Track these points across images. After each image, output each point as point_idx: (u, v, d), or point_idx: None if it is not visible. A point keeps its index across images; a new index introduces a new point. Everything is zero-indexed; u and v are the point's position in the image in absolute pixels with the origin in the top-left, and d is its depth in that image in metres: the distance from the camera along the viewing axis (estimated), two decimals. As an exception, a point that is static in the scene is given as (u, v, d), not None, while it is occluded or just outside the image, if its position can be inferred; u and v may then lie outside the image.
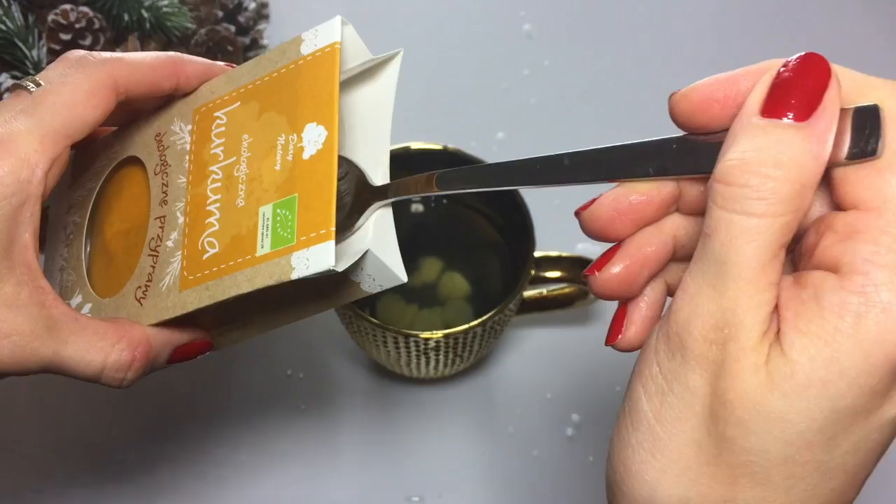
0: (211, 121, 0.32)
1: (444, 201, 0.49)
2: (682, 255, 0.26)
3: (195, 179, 0.31)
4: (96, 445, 0.48)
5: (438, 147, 0.46)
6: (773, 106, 0.21)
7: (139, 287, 0.32)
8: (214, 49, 0.53)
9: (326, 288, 0.31)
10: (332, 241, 0.27)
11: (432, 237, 0.49)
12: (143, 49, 0.51)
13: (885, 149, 0.20)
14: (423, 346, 0.42)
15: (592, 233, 0.26)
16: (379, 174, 0.31)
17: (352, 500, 0.46)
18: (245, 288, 0.28)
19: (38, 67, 0.53)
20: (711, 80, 0.25)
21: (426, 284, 0.47)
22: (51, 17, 0.51)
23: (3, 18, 0.52)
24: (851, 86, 0.22)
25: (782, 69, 0.23)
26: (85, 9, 0.51)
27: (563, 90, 0.61)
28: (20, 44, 0.52)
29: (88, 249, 0.35)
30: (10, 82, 0.52)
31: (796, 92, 0.21)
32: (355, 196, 0.30)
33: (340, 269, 0.27)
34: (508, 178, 0.28)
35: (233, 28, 0.54)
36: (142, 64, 0.31)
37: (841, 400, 0.20)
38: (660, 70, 0.62)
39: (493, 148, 0.57)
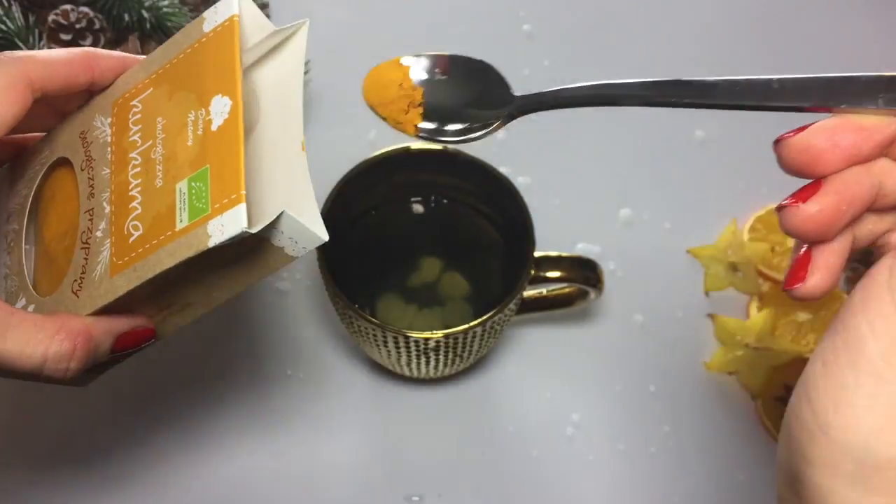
0: (128, 110, 0.33)
1: (445, 201, 0.49)
2: (880, 205, 0.23)
3: (117, 168, 0.32)
4: (94, 446, 0.48)
5: (438, 147, 0.46)
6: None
7: (75, 280, 0.33)
8: (215, 49, 0.53)
9: (253, 256, 0.31)
10: (244, 205, 0.28)
11: (432, 237, 0.49)
12: (143, 50, 0.52)
13: None
14: (423, 346, 0.42)
15: (796, 164, 0.23)
16: (296, 144, 0.32)
17: (352, 499, 0.46)
18: (168, 262, 0.29)
19: (38, 68, 0.53)
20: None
21: (426, 284, 0.47)
22: (51, 17, 0.51)
23: (4, 19, 0.52)
24: None
25: None
26: (85, 9, 0.51)
27: (563, 91, 0.61)
28: (21, 44, 0.52)
29: (33, 255, 0.36)
30: (10, 83, 0.52)
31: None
32: (492, 99, 0.32)
33: (254, 230, 0.28)
34: (704, 94, 0.25)
35: (233, 28, 0.54)
36: (55, 60, 0.32)
37: None
38: (659, 70, 0.62)
39: (493, 148, 0.57)
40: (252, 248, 0.30)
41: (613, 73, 0.62)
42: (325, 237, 0.30)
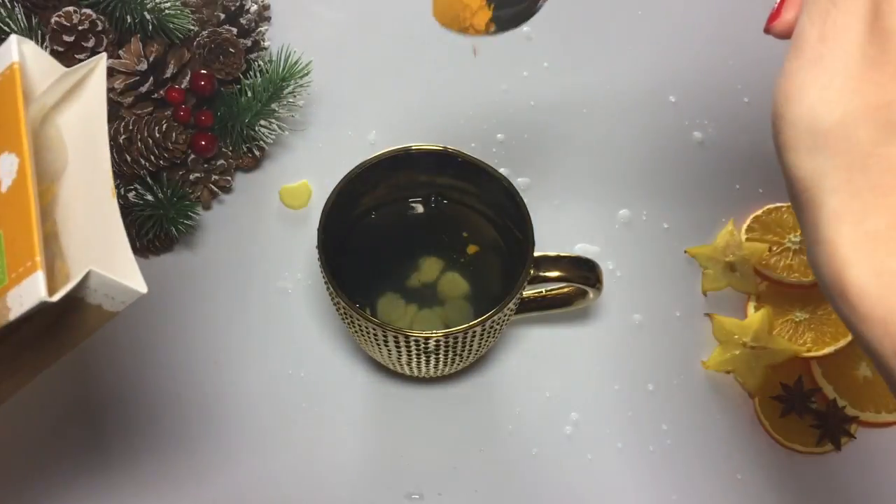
0: None
1: (444, 201, 0.50)
2: None
3: None
4: (93, 448, 0.48)
5: (438, 148, 0.46)
6: None
7: None
8: (216, 51, 0.53)
9: (70, 318, 0.29)
10: (40, 272, 0.25)
11: (432, 237, 0.49)
12: (144, 51, 0.52)
13: None
14: (423, 346, 0.42)
15: (785, 33, 0.26)
16: (106, 190, 0.29)
17: (352, 497, 0.47)
18: None
19: (41, 69, 0.53)
20: None
21: (426, 284, 0.48)
22: (54, 19, 0.51)
23: (7, 20, 0.53)
24: None
25: None
26: (88, 11, 0.52)
27: (563, 92, 0.61)
28: (23, 45, 0.53)
29: None
30: (13, 84, 0.52)
31: None
32: None
33: (55, 298, 0.26)
34: None
35: (234, 30, 0.54)
36: None
37: None
38: (658, 71, 0.62)
39: (492, 149, 0.58)
40: (68, 309, 0.28)
41: (612, 74, 0.62)
42: (143, 289, 0.28)
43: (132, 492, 0.47)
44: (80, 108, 0.31)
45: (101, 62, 0.31)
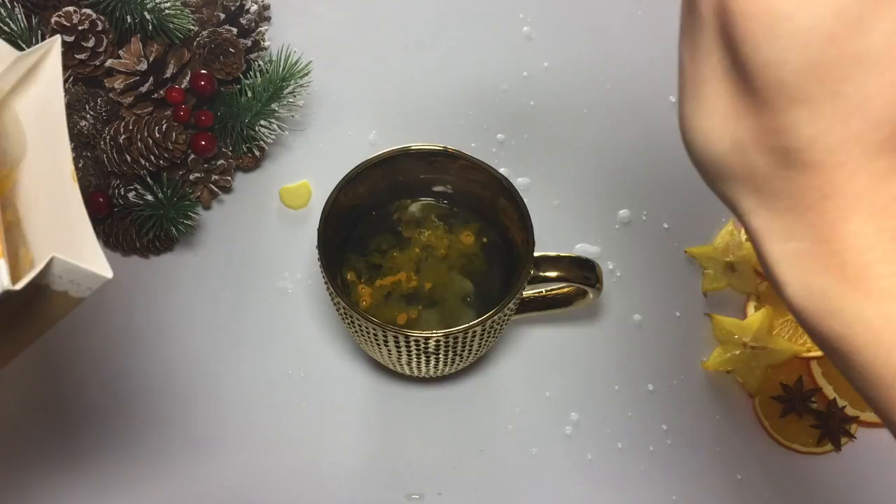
0: None
1: (445, 202, 0.50)
2: None
3: None
4: (93, 447, 0.48)
5: (439, 148, 0.46)
6: None
7: None
8: (216, 51, 0.53)
9: (36, 305, 0.29)
10: (2, 261, 0.25)
11: (433, 236, 0.49)
12: (144, 51, 0.52)
13: None
14: (423, 346, 0.42)
15: None
16: (66, 175, 0.29)
17: (352, 497, 0.47)
18: None
19: (41, 69, 0.53)
20: None
21: (426, 284, 0.48)
22: (54, 19, 0.51)
23: (7, 20, 0.53)
24: None
25: None
26: (88, 10, 0.52)
27: (563, 92, 0.61)
28: (24, 45, 0.53)
29: None
30: (13, 84, 0.52)
31: None
32: None
33: (19, 286, 0.26)
34: None
35: (234, 30, 0.54)
36: None
37: None
38: (658, 71, 0.62)
39: (492, 149, 0.58)
40: (33, 296, 0.28)
41: (612, 74, 0.62)
42: (108, 274, 0.28)
43: (132, 491, 0.47)
44: (37, 92, 0.30)
45: (56, 44, 0.31)
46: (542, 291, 0.49)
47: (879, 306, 0.19)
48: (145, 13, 0.52)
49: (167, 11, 0.52)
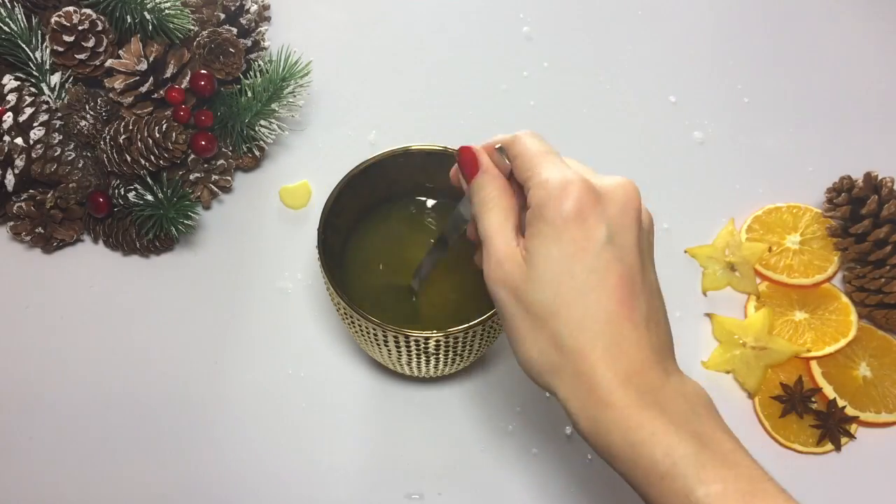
0: None
1: (445, 201, 0.50)
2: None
3: None
4: (93, 447, 0.48)
5: (438, 148, 0.46)
6: (470, 174, 0.38)
7: None
8: (216, 51, 0.53)
9: None
10: None
11: (433, 236, 0.49)
12: (144, 51, 0.52)
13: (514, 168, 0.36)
14: (423, 346, 0.42)
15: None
16: None
17: (353, 497, 0.47)
18: None
19: (41, 69, 0.53)
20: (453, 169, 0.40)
21: (426, 284, 0.48)
22: (54, 18, 0.51)
23: (7, 20, 0.53)
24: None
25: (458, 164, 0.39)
26: (88, 11, 0.52)
27: (562, 92, 0.61)
28: (24, 45, 0.53)
29: None
30: (14, 84, 0.52)
31: (464, 167, 0.38)
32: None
33: None
34: None
35: (234, 30, 0.54)
36: None
37: (558, 250, 0.32)
38: (657, 71, 0.63)
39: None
40: None
41: (611, 74, 0.62)
42: None
43: (132, 490, 0.47)
44: None
45: None
46: (542, 291, 0.49)
47: (616, 423, 0.32)
48: (145, 13, 0.52)
49: (167, 11, 0.52)
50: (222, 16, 0.56)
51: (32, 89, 0.53)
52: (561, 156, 0.36)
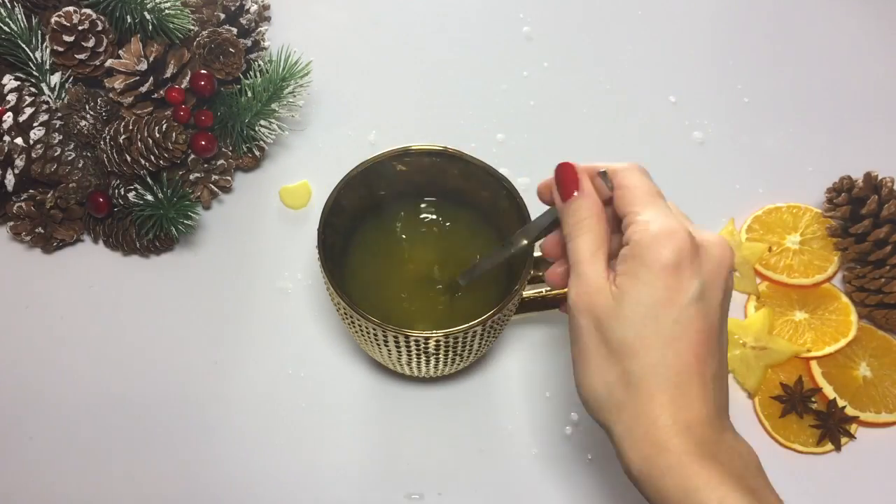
0: None
1: (444, 201, 0.50)
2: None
3: None
4: (93, 446, 0.48)
5: (439, 148, 0.46)
6: (566, 194, 0.37)
7: None
8: (216, 51, 0.53)
9: None
10: None
11: (432, 237, 0.49)
12: (144, 51, 0.52)
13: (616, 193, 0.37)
14: (423, 346, 0.42)
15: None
16: None
17: (352, 497, 0.47)
18: None
19: (41, 69, 0.53)
20: (541, 183, 0.40)
21: (426, 283, 0.48)
22: (54, 18, 0.51)
23: (7, 20, 0.53)
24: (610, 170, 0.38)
25: (556, 184, 0.38)
26: (88, 11, 0.52)
27: (562, 92, 0.61)
28: (24, 45, 0.53)
29: None
30: (14, 84, 0.52)
31: (569, 183, 0.37)
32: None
33: None
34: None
35: (234, 30, 0.54)
36: None
37: (649, 294, 0.33)
38: (657, 72, 0.63)
39: (492, 149, 0.58)
40: None
41: (611, 74, 0.62)
42: None
43: (132, 490, 0.47)
44: None
45: None
46: (542, 291, 0.49)
47: (672, 468, 0.32)
48: (145, 13, 0.52)
49: (167, 11, 0.52)
50: (222, 16, 0.56)
51: (32, 89, 0.53)
52: (665, 199, 0.37)
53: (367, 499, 0.47)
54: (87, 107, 0.52)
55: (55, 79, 0.53)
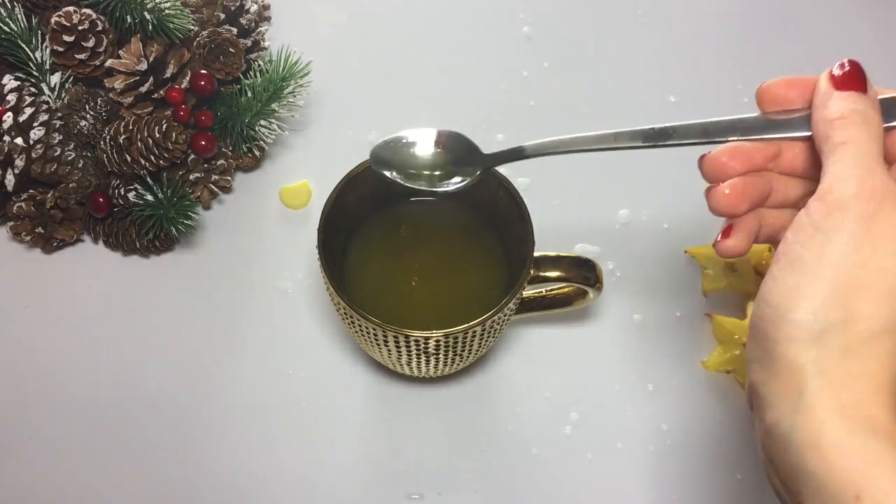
0: None
1: (444, 201, 0.50)
2: (774, 202, 0.37)
3: None
4: (93, 446, 0.48)
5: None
6: (846, 84, 0.34)
7: None
8: (216, 51, 0.53)
9: None
10: None
11: (432, 237, 0.49)
12: (144, 51, 0.52)
13: None
14: (422, 346, 0.42)
15: (710, 171, 0.36)
16: None
17: (352, 497, 0.47)
18: None
19: (41, 69, 0.53)
20: (786, 78, 0.37)
21: (426, 284, 0.48)
22: (54, 18, 0.51)
23: (7, 20, 0.53)
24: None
25: (838, 69, 0.35)
26: (88, 11, 0.52)
27: (563, 92, 0.61)
28: (24, 45, 0.53)
29: None
30: (14, 84, 0.52)
31: (856, 78, 0.35)
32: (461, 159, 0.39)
33: None
34: (660, 138, 0.37)
35: (234, 30, 0.54)
36: None
37: None
38: (658, 71, 0.63)
39: (492, 149, 0.58)
40: None
41: (612, 74, 0.62)
42: None
43: (132, 490, 0.47)
44: None
45: None
46: (542, 291, 0.49)
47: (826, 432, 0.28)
48: (145, 13, 0.52)
49: (167, 11, 0.52)
50: (222, 16, 0.56)
51: (32, 89, 0.53)
52: None
53: (367, 499, 0.47)
54: (87, 107, 0.52)
55: (55, 79, 0.53)
